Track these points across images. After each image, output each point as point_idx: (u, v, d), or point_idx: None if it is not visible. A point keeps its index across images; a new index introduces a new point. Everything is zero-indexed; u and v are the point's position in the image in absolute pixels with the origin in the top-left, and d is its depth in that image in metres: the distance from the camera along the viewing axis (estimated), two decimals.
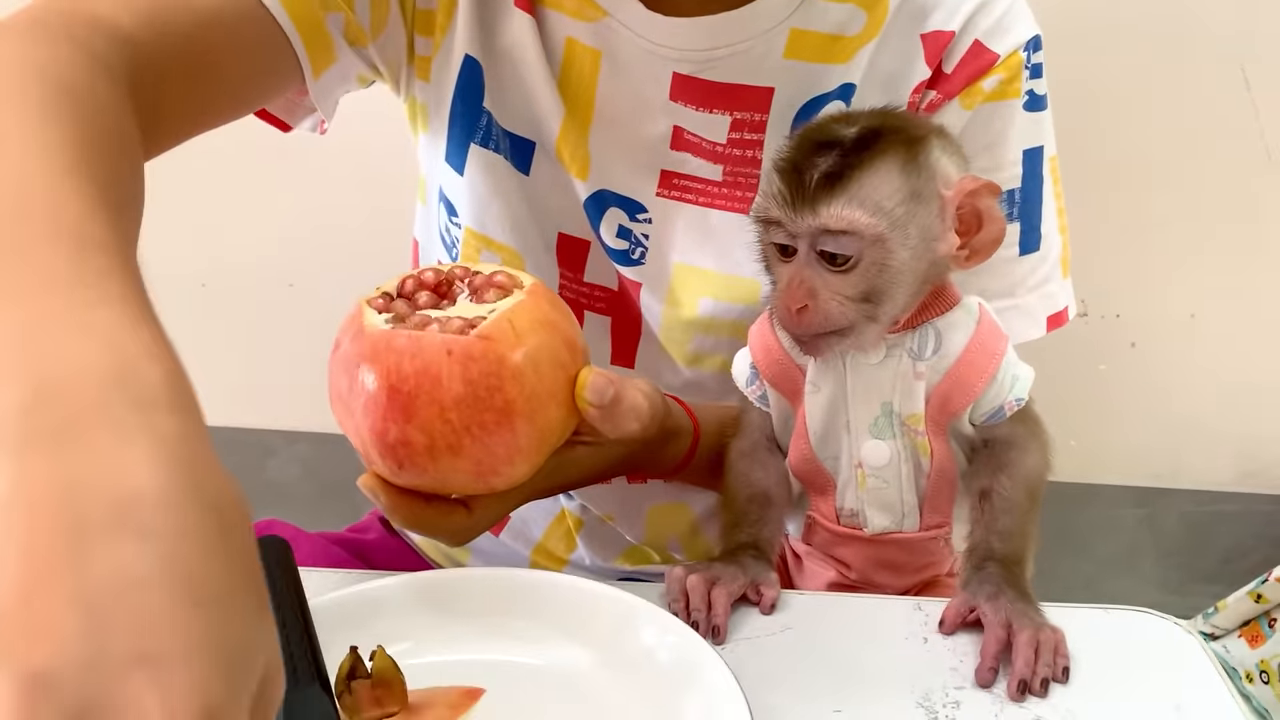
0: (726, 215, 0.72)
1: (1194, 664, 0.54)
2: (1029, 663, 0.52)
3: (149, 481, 0.28)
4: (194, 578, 0.27)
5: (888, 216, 0.54)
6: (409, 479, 0.52)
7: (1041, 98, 0.72)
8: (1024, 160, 0.71)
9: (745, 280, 0.72)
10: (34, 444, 0.28)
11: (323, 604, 0.52)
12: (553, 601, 0.52)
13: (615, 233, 0.73)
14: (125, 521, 0.27)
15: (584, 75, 0.71)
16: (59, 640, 0.25)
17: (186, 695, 0.25)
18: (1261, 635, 1.27)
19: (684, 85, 0.70)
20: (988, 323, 0.60)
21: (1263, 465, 1.47)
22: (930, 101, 0.70)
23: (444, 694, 0.47)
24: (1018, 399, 0.60)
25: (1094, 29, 1.28)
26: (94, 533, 0.27)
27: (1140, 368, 1.43)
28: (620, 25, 0.70)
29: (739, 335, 0.72)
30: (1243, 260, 1.38)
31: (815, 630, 0.56)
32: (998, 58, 0.69)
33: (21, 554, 0.26)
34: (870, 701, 0.51)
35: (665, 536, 0.83)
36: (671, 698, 0.46)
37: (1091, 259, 1.38)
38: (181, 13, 0.56)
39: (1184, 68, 1.30)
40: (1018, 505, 0.59)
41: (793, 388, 0.62)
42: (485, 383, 0.49)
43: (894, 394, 0.59)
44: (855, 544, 0.64)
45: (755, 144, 0.71)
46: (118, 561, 0.26)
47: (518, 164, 0.73)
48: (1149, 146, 1.34)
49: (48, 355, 0.30)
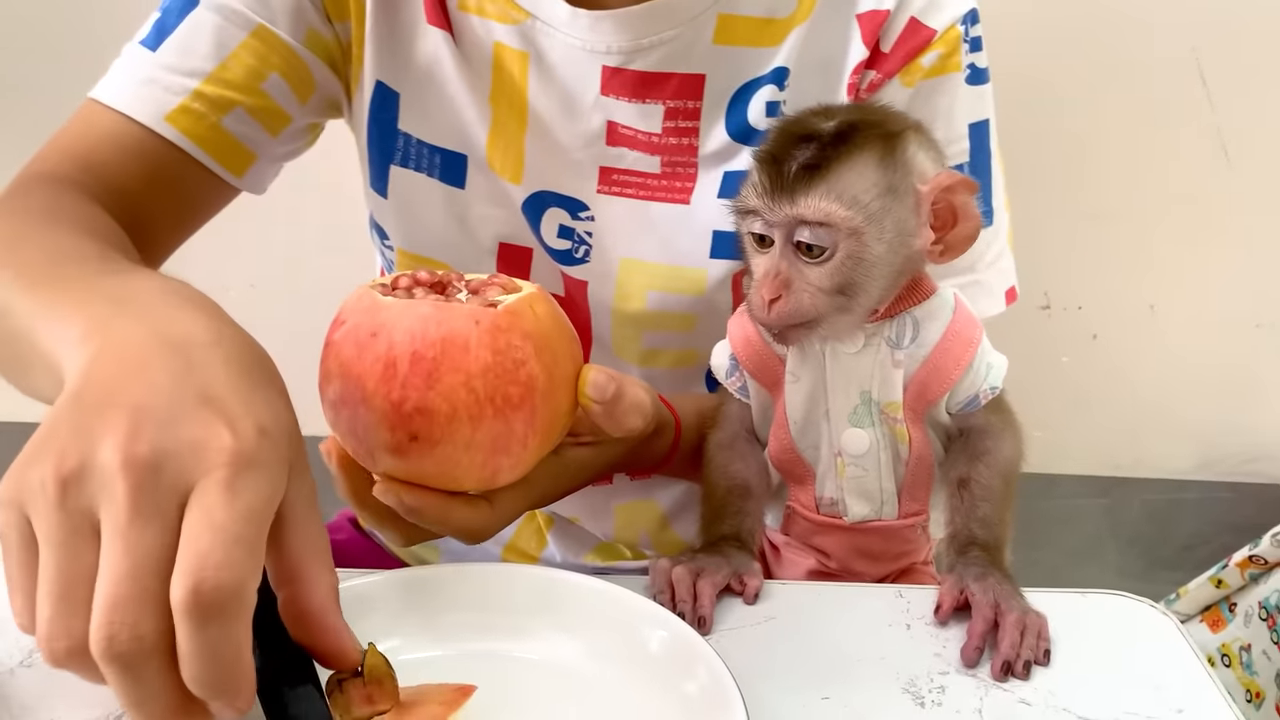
0: (667, 207, 0.72)
1: (1171, 645, 0.55)
2: (1014, 644, 0.53)
3: (202, 329, 0.42)
4: (244, 366, 0.41)
5: (864, 210, 0.55)
6: (413, 463, 0.49)
7: (983, 71, 0.72)
8: (971, 134, 0.72)
9: (690, 271, 0.72)
10: (119, 317, 0.43)
11: None
12: (543, 595, 0.52)
13: (556, 233, 0.73)
14: (187, 343, 0.41)
15: (514, 79, 0.71)
16: (150, 386, 0.38)
17: (244, 418, 0.38)
18: (1223, 620, 1.30)
19: (614, 78, 0.70)
20: (963, 312, 0.61)
21: (1221, 454, 1.51)
22: (870, 82, 0.70)
23: (436, 691, 0.47)
24: (992, 387, 0.61)
25: (1051, 23, 1.31)
26: (166, 348, 0.40)
27: (1102, 359, 1.46)
28: (544, 25, 0.70)
29: (688, 328, 0.73)
30: (1200, 253, 1.41)
31: (798, 619, 0.56)
32: (935, 33, 0.69)
33: (118, 362, 0.40)
34: (857, 688, 0.51)
35: (635, 532, 0.83)
36: (665, 689, 0.46)
37: (1053, 253, 1.41)
38: (112, 159, 0.68)
39: (1139, 64, 1.33)
40: (996, 492, 0.60)
41: (773, 378, 0.63)
42: (511, 355, 0.49)
43: (873, 382, 0.60)
44: (835, 533, 0.64)
45: (691, 132, 0.71)
46: (186, 359, 0.40)
47: (451, 179, 0.73)
48: (1107, 142, 1.36)
49: (115, 287, 0.46)
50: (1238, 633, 1.25)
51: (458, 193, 0.73)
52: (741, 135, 0.71)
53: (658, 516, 0.83)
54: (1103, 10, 1.30)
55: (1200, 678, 0.52)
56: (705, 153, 0.71)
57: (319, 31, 0.71)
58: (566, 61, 0.70)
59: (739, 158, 0.71)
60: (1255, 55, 1.31)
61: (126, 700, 0.37)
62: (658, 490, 0.82)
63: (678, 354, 0.75)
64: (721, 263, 0.72)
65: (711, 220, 0.72)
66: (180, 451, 0.37)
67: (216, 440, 0.37)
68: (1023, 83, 1.30)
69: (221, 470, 0.36)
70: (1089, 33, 1.31)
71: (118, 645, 0.35)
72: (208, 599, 0.35)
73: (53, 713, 0.49)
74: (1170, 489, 1.52)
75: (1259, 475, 1.51)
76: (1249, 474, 1.51)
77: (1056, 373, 1.46)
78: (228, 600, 0.35)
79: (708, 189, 0.72)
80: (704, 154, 0.72)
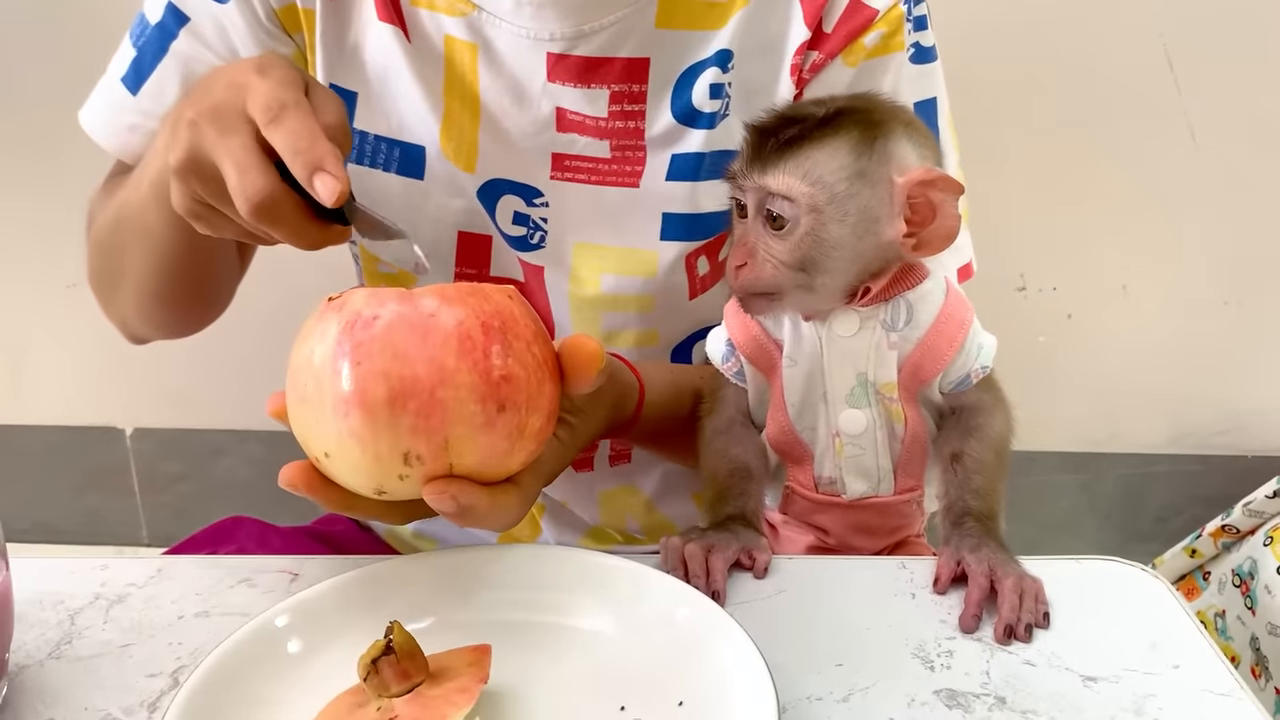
0: (619, 191, 0.73)
1: (1163, 606, 0.57)
2: (1014, 608, 0.55)
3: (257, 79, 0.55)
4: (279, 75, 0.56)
5: (827, 190, 0.57)
6: (495, 436, 0.49)
7: (929, 49, 0.73)
8: (917, 112, 0.71)
9: (642, 253, 0.73)
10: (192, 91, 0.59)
11: (342, 584, 0.53)
12: (566, 572, 0.53)
13: (511, 219, 0.75)
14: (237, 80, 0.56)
15: (465, 69, 0.72)
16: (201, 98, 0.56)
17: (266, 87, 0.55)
18: (1197, 588, 1.33)
19: (558, 64, 0.71)
20: (955, 295, 0.63)
21: (1191, 428, 1.54)
22: (813, 62, 0.71)
23: (458, 655, 0.48)
24: (983, 366, 0.63)
25: (1021, 9, 1.32)
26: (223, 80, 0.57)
27: (1077, 338, 1.48)
28: (490, 15, 0.71)
29: (645, 309, 0.74)
30: (1170, 233, 1.44)
31: (807, 592, 0.58)
32: (877, 13, 0.70)
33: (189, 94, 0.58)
34: (868, 655, 0.53)
35: (621, 517, 0.85)
36: (693, 658, 0.48)
37: (1029, 237, 1.44)
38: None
39: (1109, 51, 1.34)
40: (988, 465, 0.62)
41: (769, 363, 0.64)
42: (539, 327, 0.51)
43: (869, 364, 0.61)
44: (833, 510, 0.66)
45: (637, 115, 0.72)
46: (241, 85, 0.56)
47: (409, 171, 0.74)
48: (1079, 128, 1.38)
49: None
50: (1212, 600, 1.29)
51: (417, 184, 0.74)
52: (686, 118, 0.72)
53: (642, 501, 0.84)
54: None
55: (1193, 635, 0.54)
56: (652, 135, 0.72)
57: (281, 51, 0.73)
58: (513, 51, 0.71)
59: (686, 140, 0.72)
60: (1221, 42, 1.34)
61: (284, 238, 0.56)
62: (638, 476, 0.83)
63: (638, 334, 0.76)
64: (673, 244, 0.73)
65: (661, 203, 0.73)
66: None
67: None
68: (996, 70, 1.33)
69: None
70: (1060, 20, 1.33)
71: (253, 199, 0.53)
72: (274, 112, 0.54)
73: (81, 702, 0.50)
74: (1143, 463, 1.55)
75: (1228, 447, 1.54)
76: (1218, 446, 1.54)
77: (1033, 352, 1.48)
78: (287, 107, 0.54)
79: (656, 171, 0.73)
80: (651, 136, 0.72)
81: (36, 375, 1.65)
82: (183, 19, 0.73)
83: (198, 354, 1.57)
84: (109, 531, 1.70)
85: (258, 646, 0.48)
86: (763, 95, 0.72)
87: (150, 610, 0.57)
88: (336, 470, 0.50)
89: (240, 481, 1.65)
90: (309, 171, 0.52)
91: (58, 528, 1.68)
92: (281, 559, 0.62)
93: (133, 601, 0.58)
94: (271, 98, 0.54)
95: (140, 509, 1.70)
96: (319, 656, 0.49)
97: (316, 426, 0.49)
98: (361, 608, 0.52)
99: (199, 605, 0.58)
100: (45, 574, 0.60)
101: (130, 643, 0.55)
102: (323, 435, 0.48)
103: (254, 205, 0.53)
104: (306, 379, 0.48)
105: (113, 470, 1.67)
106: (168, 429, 1.65)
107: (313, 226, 0.56)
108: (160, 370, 1.61)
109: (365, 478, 0.49)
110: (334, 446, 0.48)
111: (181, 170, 0.56)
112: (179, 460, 1.66)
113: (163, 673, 0.52)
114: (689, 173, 0.73)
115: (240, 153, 0.53)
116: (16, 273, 1.56)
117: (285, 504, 1.49)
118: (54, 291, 1.55)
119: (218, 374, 1.59)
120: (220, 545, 0.86)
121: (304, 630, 0.50)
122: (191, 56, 0.73)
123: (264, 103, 0.54)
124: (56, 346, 1.62)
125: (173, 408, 1.64)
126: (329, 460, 0.49)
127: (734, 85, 0.72)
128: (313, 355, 0.48)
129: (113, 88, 0.75)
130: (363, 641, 0.46)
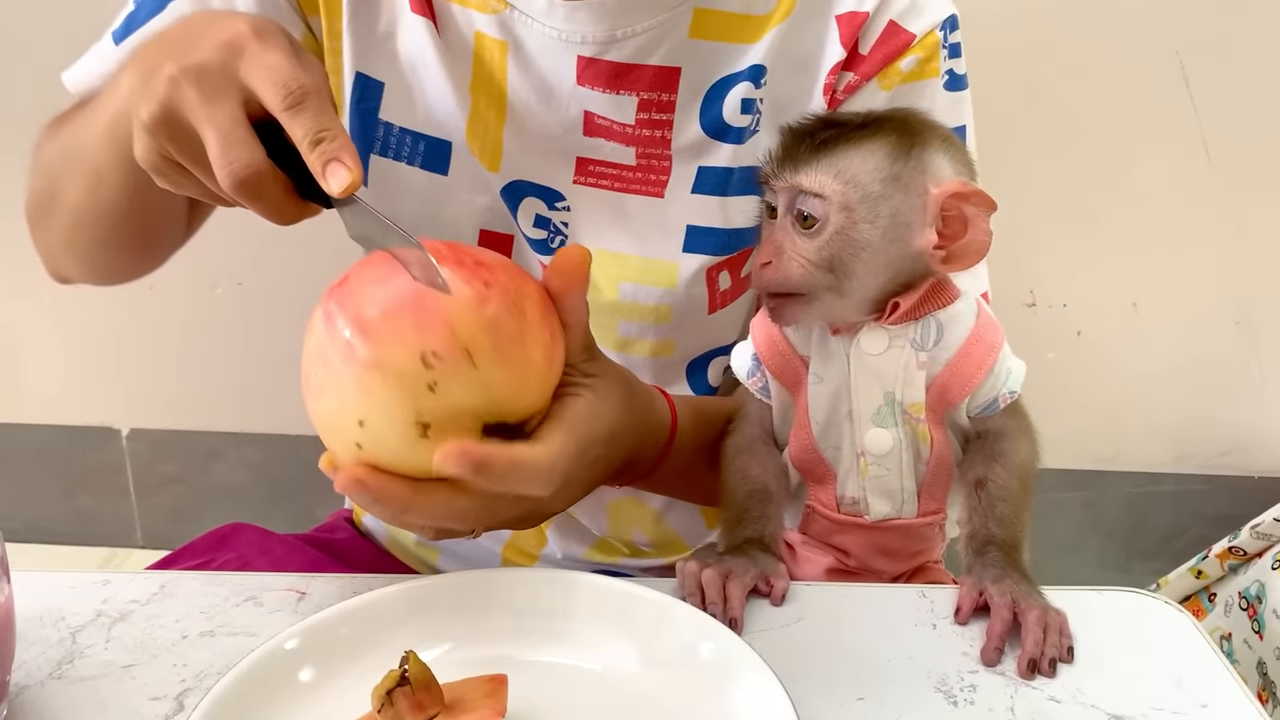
0: (642, 199, 0.73)
1: (1188, 641, 0.56)
2: (1038, 642, 0.54)
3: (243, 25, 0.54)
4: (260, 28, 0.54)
5: (860, 189, 0.56)
6: (497, 313, 0.49)
7: (961, 77, 0.73)
8: None
9: (662, 264, 0.73)
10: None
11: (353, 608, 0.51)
12: (586, 600, 0.52)
13: (533, 222, 0.74)
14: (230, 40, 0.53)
15: (494, 67, 0.71)
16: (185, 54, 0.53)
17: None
18: (1202, 609, 1.32)
19: (588, 68, 0.70)
20: (986, 317, 0.62)
21: (1198, 447, 1.53)
22: (848, 84, 0.71)
23: (473, 685, 0.47)
24: (1011, 391, 0.62)
25: (1035, 25, 1.32)
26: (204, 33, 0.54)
27: (1085, 355, 1.48)
28: (522, 14, 0.70)
29: (662, 320, 0.74)
30: (1181, 252, 1.43)
31: (827, 620, 0.57)
32: (914, 38, 0.70)
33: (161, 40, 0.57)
34: (890, 688, 0.52)
35: (628, 528, 0.84)
36: (715, 694, 0.47)
37: (1039, 252, 1.43)
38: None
39: (1124, 66, 1.34)
40: (1012, 493, 0.61)
41: (794, 379, 0.63)
42: (518, 269, 0.54)
43: (896, 383, 0.61)
44: (855, 531, 0.65)
45: (664, 124, 0.71)
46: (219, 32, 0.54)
47: (434, 165, 0.73)
48: (1092, 142, 1.38)
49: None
50: (1218, 622, 1.28)
51: (440, 179, 0.73)
52: (716, 131, 0.71)
53: (650, 514, 0.84)
54: (1089, 13, 1.32)
55: (1220, 673, 0.53)
56: (678, 146, 0.72)
57: (294, 31, 0.71)
58: (544, 51, 0.70)
59: (714, 153, 0.71)
60: (1238, 58, 1.33)
61: (260, 213, 0.54)
62: (645, 494, 0.82)
63: (654, 344, 0.76)
64: (695, 257, 0.73)
65: (685, 215, 0.72)
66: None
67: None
68: (1009, 85, 1.32)
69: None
70: (1075, 35, 1.33)
71: (238, 174, 0.51)
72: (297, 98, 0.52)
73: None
74: (1148, 481, 1.55)
75: (1233, 468, 1.53)
76: (1223, 466, 1.54)
77: (1041, 368, 1.46)
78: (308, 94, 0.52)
79: (682, 183, 0.72)
80: (677, 147, 0.72)
81: (32, 374, 1.64)
82: None
83: (196, 355, 1.57)
84: (103, 533, 1.68)
85: (268, 673, 0.47)
86: (794, 112, 0.70)
87: (153, 629, 0.56)
88: (376, 434, 0.48)
89: (236, 485, 1.63)
90: (324, 162, 0.51)
91: (51, 528, 1.67)
92: (288, 577, 0.60)
93: (135, 619, 0.57)
94: (292, 79, 0.51)
95: (135, 510, 1.69)
96: (331, 684, 0.48)
97: (339, 402, 0.48)
98: (374, 633, 0.51)
99: (203, 624, 0.57)
100: (45, 588, 0.59)
101: (133, 663, 0.54)
102: (347, 404, 0.48)
103: (238, 180, 0.51)
104: (313, 367, 0.49)
105: (108, 471, 1.66)
106: (164, 430, 1.64)
107: (292, 204, 0.55)
108: (158, 371, 1.60)
109: (401, 408, 0.47)
110: (361, 403, 0.47)
111: (154, 125, 0.53)
112: (175, 462, 1.65)
113: (167, 695, 0.51)
114: (716, 187, 0.72)
115: (227, 121, 0.51)
116: (11, 270, 1.54)
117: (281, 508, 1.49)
118: (50, 289, 1.52)
119: (216, 376, 1.58)
120: (219, 552, 0.84)
121: (315, 657, 0.49)
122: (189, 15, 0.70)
123: (283, 82, 0.51)
124: (52, 345, 1.61)
125: (169, 409, 1.62)
126: (365, 431, 0.48)
127: (766, 101, 0.71)
128: (310, 345, 0.50)
129: (102, 44, 0.73)
130: (375, 669, 0.45)
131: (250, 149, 0.51)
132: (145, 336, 1.57)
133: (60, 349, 1.61)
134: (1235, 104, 1.35)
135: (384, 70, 0.72)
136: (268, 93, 0.52)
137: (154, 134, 0.54)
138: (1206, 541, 1.31)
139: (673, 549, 0.85)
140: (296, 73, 0.52)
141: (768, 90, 0.71)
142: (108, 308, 1.55)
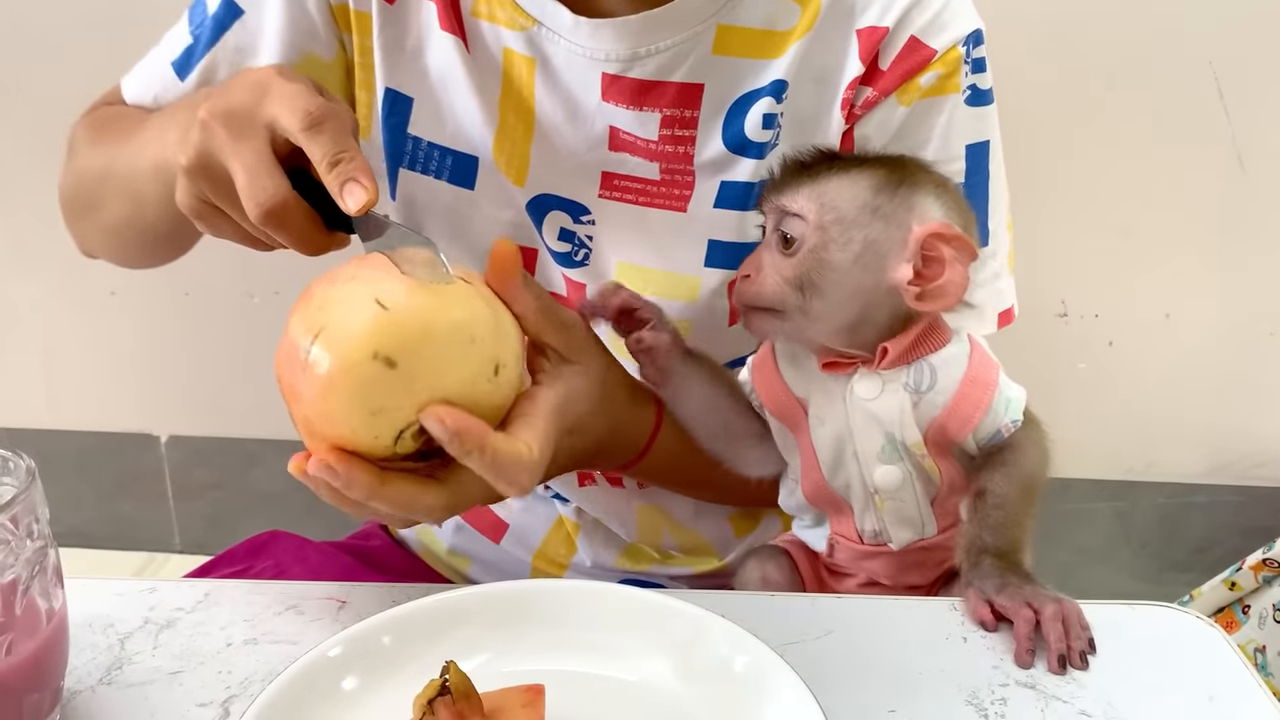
0: (665, 214, 0.73)
1: (1221, 656, 0.56)
2: (1061, 637, 0.55)
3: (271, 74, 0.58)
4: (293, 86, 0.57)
5: (835, 212, 0.58)
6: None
7: (985, 92, 0.72)
8: (968, 155, 0.72)
9: (685, 278, 0.74)
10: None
11: (393, 619, 0.52)
12: (622, 612, 0.53)
13: (557, 235, 0.75)
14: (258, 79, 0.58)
15: (522, 83, 0.73)
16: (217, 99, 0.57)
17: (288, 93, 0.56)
18: (1236, 622, 1.31)
19: (613, 85, 0.71)
20: (979, 355, 0.62)
21: (1232, 458, 1.52)
22: (866, 99, 0.70)
23: (511, 695, 0.48)
24: (1013, 420, 0.62)
25: (1069, 35, 1.31)
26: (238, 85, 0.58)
27: (1117, 365, 1.47)
28: (550, 31, 0.71)
29: (683, 333, 0.74)
30: (1215, 262, 1.42)
31: (857, 633, 0.58)
32: (935, 53, 0.69)
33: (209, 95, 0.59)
34: (921, 701, 0.52)
35: (657, 533, 0.84)
36: (750, 707, 0.47)
37: (1071, 262, 1.42)
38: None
39: (1157, 75, 1.33)
40: (1009, 500, 0.61)
41: (794, 420, 0.64)
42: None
43: (895, 425, 0.61)
44: (881, 556, 0.66)
45: (687, 140, 0.72)
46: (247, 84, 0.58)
47: (461, 180, 0.75)
48: (1124, 153, 1.37)
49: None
50: (1252, 634, 1.27)
51: (466, 193, 0.75)
52: (738, 146, 0.71)
53: (678, 519, 0.84)
54: (1122, 24, 1.31)
55: (1252, 689, 0.53)
56: (701, 161, 0.72)
57: (318, 54, 0.75)
58: (570, 67, 0.71)
59: (736, 168, 0.72)
60: (1272, 68, 1.32)
61: (288, 243, 0.58)
62: (670, 501, 0.82)
63: None
64: (716, 271, 0.73)
65: (707, 229, 0.73)
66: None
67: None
68: (1040, 94, 1.32)
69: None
70: (1107, 47, 1.32)
71: (263, 204, 0.54)
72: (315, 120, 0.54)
73: None
74: (1181, 492, 1.54)
75: (1267, 479, 1.52)
76: (1258, 478, 1.52)
77: (1073, 378, 1.47)
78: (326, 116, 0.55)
79: (704, 197, 0.73)
80: (700, 162, 0.72)
81: (72, 381, 1.66)
82: (237, 11, 0.74)
83: (234, 363, 1.59)
84: (142, 538, 1.71)
85: (312, 681, 0.48)
86: (812, 126, 0.71)
87: (199, 637, 0.58)
88: (343, 405, 0.50)
89: (274, 491, 1.65)
90: (341, 181, 0.53)
91: (90, 533, 1.70)
92: (329, 585, 0.62)
93: (181, 626, 0.59)
94: (312, 104, 0.55)
95: (174, 516, 1.71)
96: (373, 693, 0.49)
97: (312, 398, 0.50)
98: (414, 643, 0.51)
99: (247, 632, 0.58)
100: (93, 594, 0.61)
101: (180, 670, 0.55)
102: (315, 393, 0.50)
103: (264, 210, 0.54)
104: (287, 376, 0.52)
105: (147, 477, 1.68)
106: (203, 437, 1.66)
107: (319, 234, 0.58)
108: (196, 378, 1.62)
109: (360, 367, 0.49)
110: (325, 377, 0.49)
111: (191, 171, 0.57)
112: (213, 468, 1.67)
113: (213, 702, 0.52)
114: (737, 201, 0.73)
115: (252, 157, 0.55)
116: (54, 278, 1.57)
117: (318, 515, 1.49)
118: (91, 297, 1.56)
119: (253, 383, 1.59)
120: (257, 560, 0.86)
121: (358, 666, 0.50)
122: (242, 47, 0.75)
123: (303, 108, 0.55)
124: (92, 352, 1.63)
125: (208, 415, 1.65)
126: (330, 406, 0.50)
127: (786, 116, 0.72)
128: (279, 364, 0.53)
129: (164, 71, 0.77)
130: (416, 678, 0.46)
131: (274, 179, 0.54)
132: (184, 344, 1.60)
133: (100, 357, 1.64)
134: (1269, 114, 1.34)
135: (414, 86, 0.74)
136: (288, 119, 0.55)
137: (192, 178, 0.57)
138: (1240, 553, 1.30)
139: (701, 553, 0.85)
140: (315, 99, 0.55)
141: (788, 104, 0.71)
142: (147, 316, 1.57)
